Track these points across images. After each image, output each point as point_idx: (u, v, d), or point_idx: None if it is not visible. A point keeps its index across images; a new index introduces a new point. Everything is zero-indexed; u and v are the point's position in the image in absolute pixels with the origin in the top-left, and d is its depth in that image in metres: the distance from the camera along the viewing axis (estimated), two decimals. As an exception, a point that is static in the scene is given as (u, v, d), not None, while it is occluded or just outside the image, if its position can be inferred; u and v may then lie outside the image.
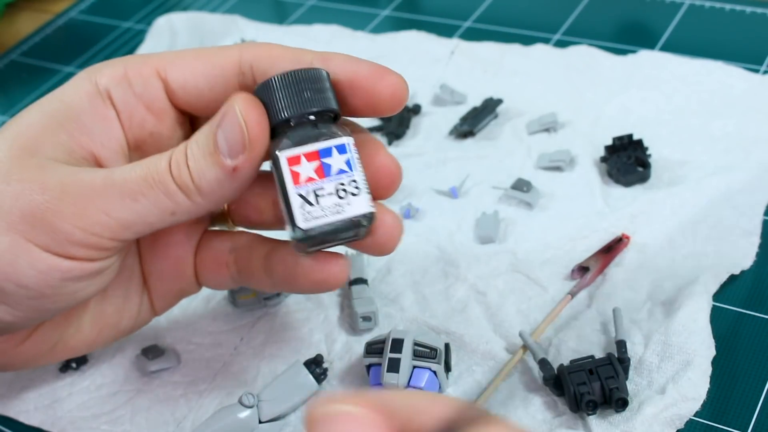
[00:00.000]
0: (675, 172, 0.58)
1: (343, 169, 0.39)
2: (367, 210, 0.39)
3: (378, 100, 0.41)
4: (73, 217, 0.39)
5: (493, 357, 0.49)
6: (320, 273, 0.42)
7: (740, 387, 0.46)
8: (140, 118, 0.44)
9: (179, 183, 0.40)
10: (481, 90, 0.68)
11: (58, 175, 0.40)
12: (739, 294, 0.51)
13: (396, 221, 0.42)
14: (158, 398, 0.51)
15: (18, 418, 0.51)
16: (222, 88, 0.43)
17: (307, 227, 0.39)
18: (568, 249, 0.54)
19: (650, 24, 0.72)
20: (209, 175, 0.39)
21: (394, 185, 0.42)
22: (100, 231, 0.40)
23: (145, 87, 0.43)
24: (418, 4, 0.81)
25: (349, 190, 0.39)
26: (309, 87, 0.40)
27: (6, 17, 0.94)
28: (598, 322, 0.50)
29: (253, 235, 0.48)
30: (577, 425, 0.45)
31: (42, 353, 0.46)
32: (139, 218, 0.40)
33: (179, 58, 0.43)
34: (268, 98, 0.40)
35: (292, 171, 0.39)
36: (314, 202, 0.39)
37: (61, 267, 0.40)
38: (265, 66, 0.42)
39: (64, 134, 0.42)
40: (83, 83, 0.43)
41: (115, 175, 0.40)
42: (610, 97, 0.65)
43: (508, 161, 0.62)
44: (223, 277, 0.48)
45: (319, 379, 0.49)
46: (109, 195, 0.40)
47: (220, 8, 0.86)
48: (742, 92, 0.63)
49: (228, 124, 0.39)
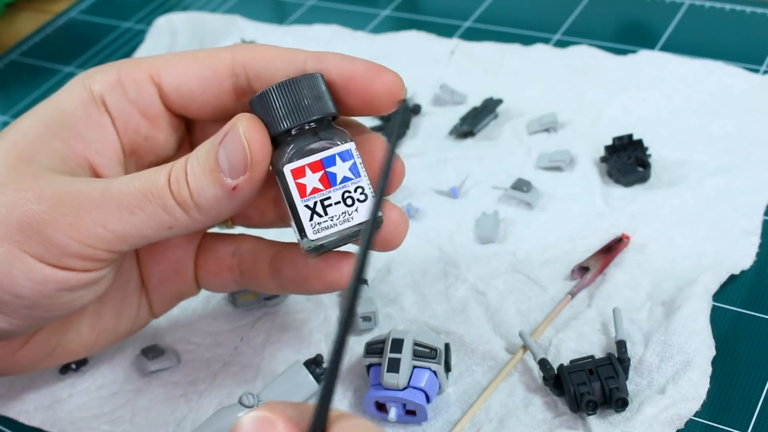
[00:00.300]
0: (675, 172, 0.58)
1: (348, 176, 0.39)
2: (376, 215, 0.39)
3: (374, 98, 0.41)
4: (69, 229, 0.39)
5: (493, 357, 0.49)
6: (332, 274, 0.42)
7: (740, 387, 0.46)
8: (135, 123, 0.43)
9: (178, 199, 0.40)
10: (481, 90, 0.68)
11: (55, 185, 0.40)
12: (739, 294, 0.51)
13: (402, 217, 0.42)
14: (158, 398, 0.51)
15: (18, 418, 0.51)
16: (216, 91, 0.43)
17: (318, 238, 0.39)
18: (568, 249, 0.54)
19: (650, 24, 0.72)
20: (208, 192, 0.39)
21: (398, 181, 0.42)
22: (95, 243, 0.40)
23: (139, 92, 0.43)
24: (418, 4, 0.80)
25: (355, 197, 0.39)
26: (307, 94, 0.39)
27: (6, 17, 0.94)
28: (598, 322, 0.50)
29: (257, 238, 0.47)
30: (577, 425, 0.45)
31: (40, 358, 0.46)
32: (136, 231, 0.40)
33: (172, 62, 0.43)
34: (266, 109, 0.40)
35: (298, 183, 0.39)
36: (322, 212, 0.39)
37: (56, 278, 0.40)
38: (258, 67, 0.42)
39: (59, 142, 0.42)
40: (77, 90, 0.43)
41: (112, 187, 0.40)
42: (610, 97, 0.65)
43: (508, 161, 0.62)
44: (225, 281, 0.48)
45: (319, 379, 0.49)
46: (105, 207, 0.39)
47: (220, 8, 0.85)
48: (742, 92, 0.63)
49: (230, 143, 0.39)
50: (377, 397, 0.46)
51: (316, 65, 0.41)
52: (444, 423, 0.47)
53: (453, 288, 0.54)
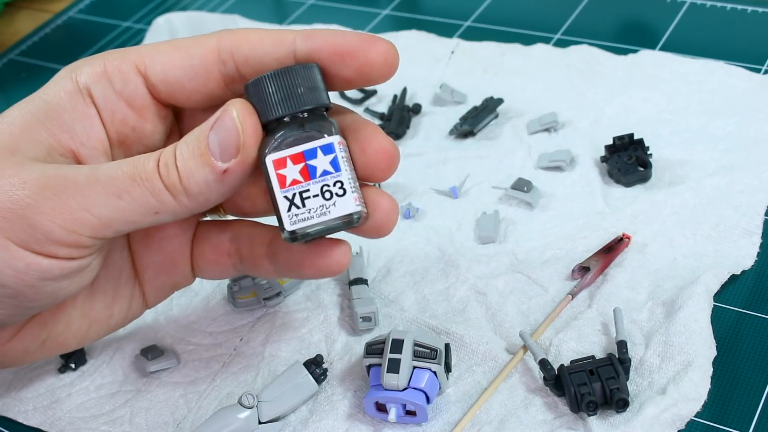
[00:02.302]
0: (676, 171, 0.58)
1: (328, 170, 0.39)
2: (353, 210, 0.40)
3: (371, 68, 0.41)
4: (53, 213, 0.39)
5: (494, 357, 0.49)
6: (322, 261, 0.42)
7: (741, 387, 0.46)
8: (122, 114, 0.43)
9: (167, 183, 0.39)
10: (482, 90, 0.67)
11: (40, 170, 0.40)
12: (740, 294, 0.50)
13: (392, 204, 0.42)
14: (158, 399, 0.51)
15: (17, 418, 0.51)
16: (203, 79, 0.42)
17: (294, 229, 0.39)
18: (569, 249, 0.54)
19: (651, 23, 0.72)
20: (198, 176, 0.39)
21: (391, 167, 0.42)
22: (80, 228, 0.39)
23: (125, 83, 0.43)
24: (418, 4, 0.80)
25: (334, 191, 0.39)
26: (301, 84, 0.40)
27: (5, 16, 0.94)
28: (599, 323, 0.50)
29: (254, 222, 0.47)
30: (578, 426, 0.45)
31: (31, 350, 0.46)
32: (122, 216, 0.40)
33: (158, 52, 0.43)
34: (259, 95, 0.40)
35: (278, 174, 0.39)
36: (300, 204, 0.39)
37: (39, 266, 0.40)
38: (245, 52, 0.42)
39: (44, 132, 0.42)
40: (64, 81, 0.43)
41: (99, 172, 0.40)
42: (611, 97, 0.65)
43: (508, 161, 0.62)
44: (224, 267, 0.48)
45: (318, 379, 0.49)
46: (92, 191, 0.39)
47: (219, 8, 0.85)
48: (743, 92, 0.62)
49: (222, 126, 0.39)
50: (377, 397, 0.46)
51: (306, 43, 0.41)
52: (444, 423, 0.47)
53: (453, 288, 0.53)
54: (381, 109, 0.68)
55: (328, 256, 0.42)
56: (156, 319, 0.55)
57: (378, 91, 0.70)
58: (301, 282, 0.55)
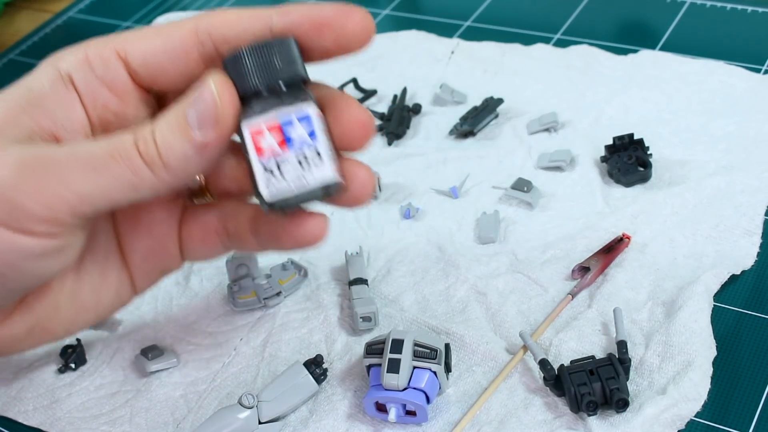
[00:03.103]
0: (676, 171, 0.58)
1: (305, 139, 0.40)
2: (330, 179, 0.40)
3: (349, 38, 0.41)
4: (32, 191, 0.39)
5: (494, 357, 0.49)
6: (299, 231, 0.43)
7: (741, 387, 0.46)
8: (103, 99, 0.44)
9: (146, 158, 0.40)
10: (482, 90, 0.67)
11: (19, 151, 0.40)
12: (740, 294, 0.50)
13: (368, 175, 0.42)
14: (158, 399, 0.51)
15: (17, 418, 0.51)
16: (183, 62, 0.43)
17: (270, 198, 0.40)
18: (569, 249, 0.54)
19: (651, 23, 0.72)
20: (177, 150, 0.40)
21: (366, 137, 0.42)
22: (59, 205, 0.40)
23: (106, 68, 0.43)
24: (418, 4, 0.80)
25: (311, 161, 0.40)
26: (278, 57, 0.40)
27: (5, 16, 0.94)
28: (599, 323, 0.50)
29: (237, 199, 0.48)
30: (578, 426, 0.45)
31: (19, 338, 0.46)
32: (101, 192, 0.40)
33: (138, 37, 0.44)
34: (236, 69, 0.40)
35: (255, 143, 0.40)
36: (277, 173, 0.40)
37: (19, 245, 0.40)
38: (223, 31, 0.42)
39: (25, 117, 0.42)
40: (47, 69, 0.44)
41: (78, 149, 0.40)
42: (611, 97, 0.65)
43: (508, 161, 0.62)
44: (213, 245, 0.48)
45: (318, 379, 0.49)
46: (71, 167, 0.40)
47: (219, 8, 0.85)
48: (743, 92, 0.63)
49: (201, 98, 0.40)
50: (377, 397, 0.46)
51: (283, 19, 0.41)
52: (444, 423, 0.47)
53: (453, 288, 0.53)
54: (381, 109, 0.68)
55: (304, 227, 0.43)
56: (156, 319, 0.55)
57: (378, 91, 0.70)
58: (301, 282, 0.55)
